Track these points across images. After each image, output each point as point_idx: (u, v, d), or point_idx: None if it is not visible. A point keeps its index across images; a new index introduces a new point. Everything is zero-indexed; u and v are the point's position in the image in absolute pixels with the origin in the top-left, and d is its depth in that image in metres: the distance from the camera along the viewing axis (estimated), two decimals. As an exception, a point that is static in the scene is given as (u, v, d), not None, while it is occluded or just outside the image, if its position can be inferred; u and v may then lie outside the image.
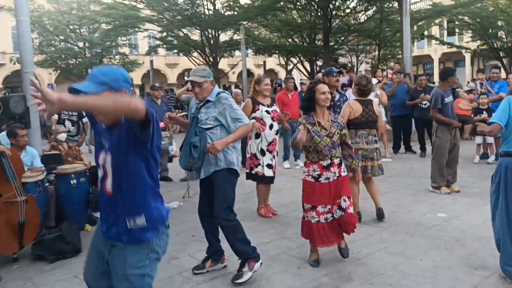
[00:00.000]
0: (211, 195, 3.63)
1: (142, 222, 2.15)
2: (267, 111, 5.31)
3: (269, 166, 5.29)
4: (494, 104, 6.90)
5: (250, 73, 36.67)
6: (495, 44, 21.91)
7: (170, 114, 3.94)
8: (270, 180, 5.39)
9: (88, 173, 5.34)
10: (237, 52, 23.84)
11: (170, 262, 4.09)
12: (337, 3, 17.64)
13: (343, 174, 3.84)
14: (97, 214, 5.43)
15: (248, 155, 5.34)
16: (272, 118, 5.34)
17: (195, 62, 21.03)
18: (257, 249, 3.71)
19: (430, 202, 5.74)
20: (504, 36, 21.54)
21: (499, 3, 19.77)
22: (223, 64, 29.19)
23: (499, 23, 20.71)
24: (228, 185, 3.66)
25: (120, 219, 2.15)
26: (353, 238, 4.46)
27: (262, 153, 5.28)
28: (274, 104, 5.48)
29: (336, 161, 3.80)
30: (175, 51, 22.69)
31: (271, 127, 5.32)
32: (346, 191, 3.82)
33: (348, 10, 18.78)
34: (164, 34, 20.91)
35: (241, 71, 18.55)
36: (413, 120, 9.38)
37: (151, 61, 24.29)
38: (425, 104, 8.89)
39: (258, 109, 5.29)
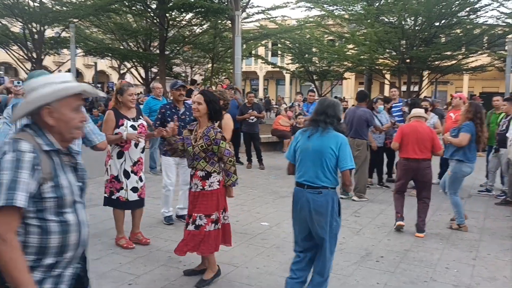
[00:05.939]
0: None
1: None
2: (133, 126, 4.60)
3: (135, 189, 4.65)
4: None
5: (79, 73, 34.31)
6: (310, 68, 24.98)
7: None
8: (136, 204, 4.75)
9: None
10: (65, 50, 22.07)
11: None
12: (173, 14, 17.83)
13: (207, 188, 3.74)
14: None
15: (108, 177, 4.64)
16: (139, 134, 4.60)
17: (15, 56, 18.74)
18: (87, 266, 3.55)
19: (255, 212, 6.28)
20: (317, 62, 24.72)
21: (314, 32, 22.71)
22: (48, 61, 26.71)
23: (314, 49, 23.72)
24: None
25: None
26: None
27: (126, 175, 4.59)
28: (141, 117, 4.80)
29: (200, 173, 3.77)
30: (-10, 42, 19.76)
31: (136, 144, 4.63)
32: (204, 209, 3.72)
33: (184, 22, 19.15)
34: (-24, 22, 18.12)
35: (69, 69, 17.27)
36: (241, 133, 10.06)
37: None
38: (252, 119, 9.70)
39: (123, 124, 4.55)
